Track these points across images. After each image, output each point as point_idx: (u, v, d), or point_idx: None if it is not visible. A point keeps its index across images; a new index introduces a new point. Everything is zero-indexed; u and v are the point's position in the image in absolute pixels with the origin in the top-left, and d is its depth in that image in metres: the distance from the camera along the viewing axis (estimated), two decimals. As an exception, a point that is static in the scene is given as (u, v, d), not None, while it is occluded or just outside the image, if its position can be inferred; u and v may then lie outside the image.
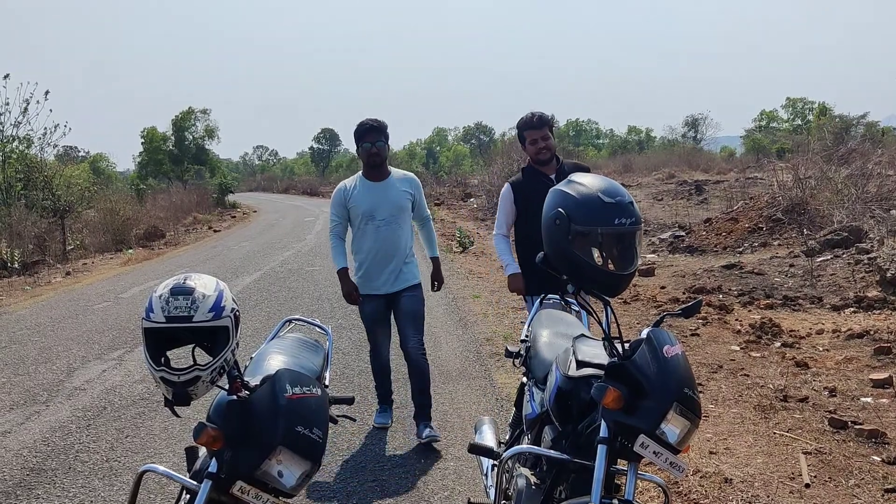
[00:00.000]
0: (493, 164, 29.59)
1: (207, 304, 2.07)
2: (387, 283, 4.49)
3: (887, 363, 5.45)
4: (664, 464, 2.12)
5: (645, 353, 2.15)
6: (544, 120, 4.32)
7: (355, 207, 4.44)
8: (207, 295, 2.08)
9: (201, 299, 2.06)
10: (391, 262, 4.46)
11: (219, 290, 2.12)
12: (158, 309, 2.04)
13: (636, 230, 2.18)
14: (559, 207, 2.23)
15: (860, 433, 4.18)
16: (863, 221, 10.88)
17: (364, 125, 4.41)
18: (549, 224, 2.27)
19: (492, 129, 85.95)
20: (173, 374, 2.07)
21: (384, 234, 4.43)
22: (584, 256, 2.19)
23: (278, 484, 2.12)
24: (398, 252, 4.48)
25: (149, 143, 51.60)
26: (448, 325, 7.79)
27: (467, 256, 13.66)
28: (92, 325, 8.57)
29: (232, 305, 2.14)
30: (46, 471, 4.33)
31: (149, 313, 2.06)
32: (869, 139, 23.64)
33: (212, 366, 2.09)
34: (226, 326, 2.09)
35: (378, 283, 4.49)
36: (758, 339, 6.38)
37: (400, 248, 4.48)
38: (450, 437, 4.57)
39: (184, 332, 2.09)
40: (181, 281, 2.10)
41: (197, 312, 2.05)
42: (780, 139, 45.72)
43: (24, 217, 16.71)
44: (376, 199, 4.43)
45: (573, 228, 2.17)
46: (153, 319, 2.04)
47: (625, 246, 2.20)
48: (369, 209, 4.42)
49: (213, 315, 2.07)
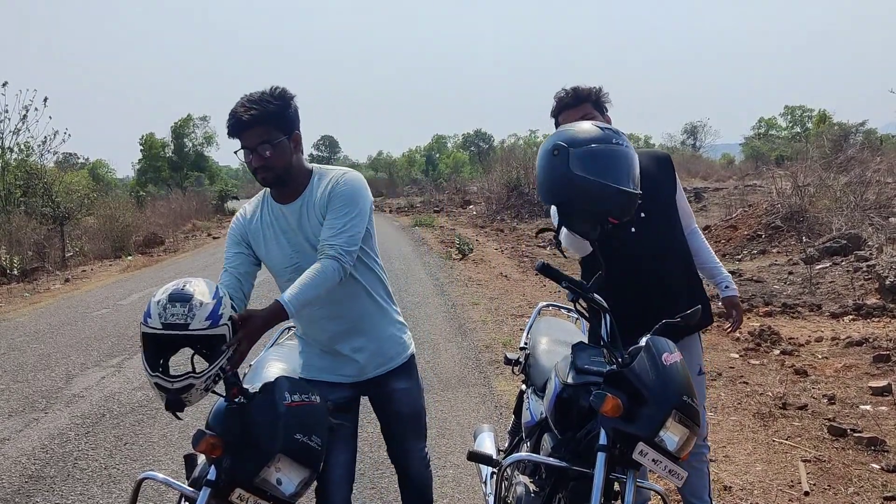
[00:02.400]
0: (492, 171, 29.68)
1: (205, 312, 2.05)
2: (357, 368, 2.64)
3: (886, 371, 5.45)
4: (663, 471, 2.12)
5: (644, 361, 2.15)
6: (580, 95, 2.95)
7: (268, 257, 2.58)
8: (205, 303, 2.06)
9: (198, 307, 2.04)
10: (360, 333, 2.62)
11: (217, 297, 2.10)
12: (156, 315, 2.03)
13: (632, 153, 2.26)
14: (556, 142, 2.29)
15: (859, 441, 4.18)
16: (862, 229, 10.90)
17: (233, 117, 2.38)
18: (547, 158, 2.30)
19: (491, 137, 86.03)
20: (167, 381, 2.06)
21: (331, 293, 2.44)
22: (590, 175, 2.21)
23: (277, 491, 2.12)
24: (367, 311, 2.63)
25: (148, 150, 51.68)
26: (447, 332, 7.79)
27: (466, 263, 13.66)
28: (91, 331, 8.57)
29: (230, 313, 2.12)
30: (45, 478, 4.32)
31: (146, 318, 2.04)
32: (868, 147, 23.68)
33: (206, 373, 2.08)
34: (223, 335, 2.08)
35: (341, 365, 2.65)
36: (757, 347, 6.38)
37: (366, 304, 2.62)
38: (449, 445, 4.57)
39: (180, 338, 2.07)
40: (180, 287, 2.09)
41: (193, 320, 2.03)
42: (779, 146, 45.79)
43: (24, 224, 16.72)
44: (292, 239, 2.53)
45: (572, 153, 2.22)
46: (150, 325, 2.04)
47: (623, 168, 2.24)
48: (284, 258, 2.54)
49: (209, 323, 2.05)
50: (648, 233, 2.74)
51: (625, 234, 2.72)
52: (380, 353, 2.65)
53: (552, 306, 3.65)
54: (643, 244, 2.74)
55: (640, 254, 2.74)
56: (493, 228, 21.39)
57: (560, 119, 2.99)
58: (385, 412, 2.79)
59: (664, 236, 2.78)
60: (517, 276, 11.96)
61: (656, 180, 2.81)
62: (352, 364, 2.63)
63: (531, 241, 17.68)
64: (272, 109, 2.38)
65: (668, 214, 2.80)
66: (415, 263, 14.00)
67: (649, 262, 2.75)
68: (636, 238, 2.73)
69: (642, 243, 2.74)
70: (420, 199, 40.18)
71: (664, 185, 2.86)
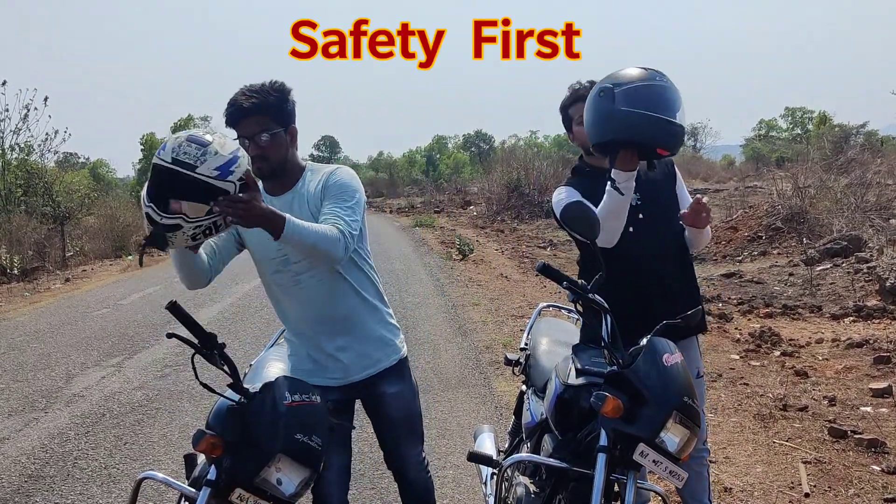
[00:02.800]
0: (492, 171, 29.70)
1: (216, 162, 2.00)
2: (342, 369, 2.58)
3: (887, 372, 5.44)
4: (664, 472, 2.12)
5: (645, 362, 2.15)
6: None
7: (253, 245, 2.55)
8: (220, 154, 2.02)
9: (212, 155, 2.00)
10: (344, 333, 2.57)
11: (235, 156, 2.05)
12: (170, 149, 2.01)
13: (676, 90, 2.39)
14: (602, 85, 2.43)
15: (860, 442, 4.18)
16: (862, 230, 10.90)
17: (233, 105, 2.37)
18: (594, 100, 2.44)
19: (492, 137, 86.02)
20: (158, 214, 2.02)
21: (316, 287, 2.50)
22: (637, 109, 2.32)
23: (277, 491, 2.12)
24: (354, 310, 2.57)
25: (148, 150, 51.53)
26: (447, 332, 7.79)
27: (467, 264, 13.66)
28: (91, 331, 8.57)
29: (241, 176, 2.05)
30: (45, 477, 4.32)
31: (160, 151, 2.02)
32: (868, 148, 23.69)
33: (198, 221, 2.03)
34: (227, 191, 2.02)
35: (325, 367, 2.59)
36: (757, 348, 6.38)
37: (354, 303, 2.57)
38: (449, 446, 4.56)
39: (186, 183, 2.00)
40: (202, 133, 2.07)
41: (202, 165, 1.98)
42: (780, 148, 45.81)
43: (24, 223, 16.72)
44: None
45: (618, 92, 2.36)
46: (161, 157, 2.01)
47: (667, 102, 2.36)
48: (271, 248, 2.46)
49: (217, 174, 2.00)
50: (647, 234, 2.74)
51: (624, 236, 2.73)
52: (365, 354, 2.59)
53: (552, 307, 3.65)
54: (642, 245, 2.74)
55: (639, 254, 2.74)
56: (493, 229, 21.39)
57: (570, 111, 2.93)
58: (376, 416, 2.74)
59: (663, 237, 2.78)
60: (517, 276, 11.97)
61: (656, 182, 2.82)
62: (336, 365, 2.57)
63: (531, 241, 17.69)
64: (272, 101, 2.39)
65: (667, 216, 2.80)
66: (415, 264, 14.00)
67: (648, 262, 2.75)
68: (635, 238, 2.73)
69: (641, 244, 2.74)
70: (420, 199, 40.19)
71: (664, 186, 2.87)
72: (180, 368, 6.57)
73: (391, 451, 2.80)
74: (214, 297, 10.74)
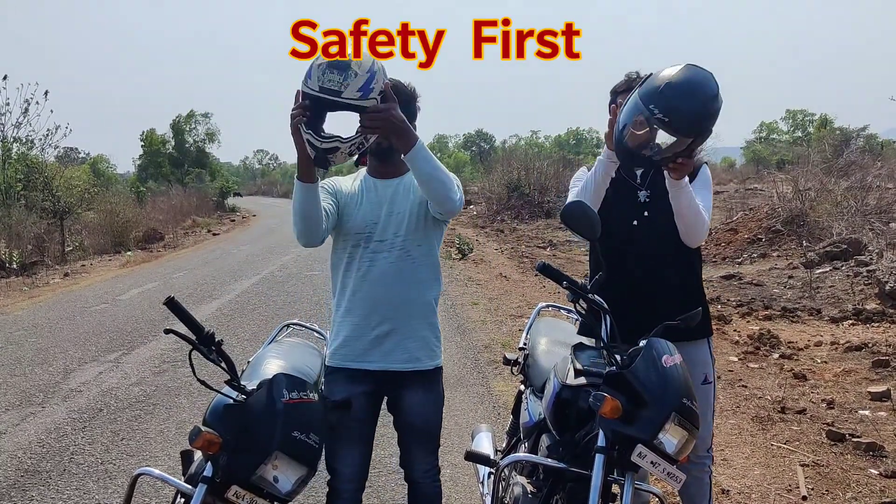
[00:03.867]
0: (493, 171, 29.68)
1: (357, 83, 2.20)
2: (382, 354, 2.63)
3: (885, 376, 5.44)
4: (661, 474, 2.11)
5: (643, 363, 2.15)
6: None
7: (345, 218, 2.64)
8: (360, 74, 2.21)
9: (353, 77, 2.20)
10: (393, 319, 2.62)
11: (372, 71, 2.24)
12: (315, 77, 2.21)
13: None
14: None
15: (858, 446, 4.17)
16: (862, 234, 10.89)
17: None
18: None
19: (492, 137, 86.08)
20: (318, 140, 2.27)
21: (387, 269, 2.59)
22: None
23: (274, 489, 2.11)
24: (410, 302, 2.64)
25: (148, 146, 51.61)
26: (446, 331, 7.78)
27: (466, 263, 13.66)
28: (89, 326, 8.56)
29: (381, 89, 2.26)
30: (41, 472, 4.31)
31: (307, 79, 2.22)
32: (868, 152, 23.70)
33: (351, 140, 2.30)
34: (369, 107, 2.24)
35: (366, 350, 2.64)
36: (756, 350, 6.37)
37: (413, 296, 2.64)
38: (446, 444, 4.55)
39: (334, 105, 2.24)
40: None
41: (346, 90, 2.19)
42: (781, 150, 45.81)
43: (24, 218, 16.71)
44: (380, 208, 2.63)
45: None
46: (309, 86, 2.22)
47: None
48: (365, 222, 2.61)
49: (360, 95, 2.21)
50: (651, 231, 2.73)
51: (626, 231, 2.73)
52: (407, 348, 2.64)
53: (552, 307, 3.64)
54: (645, 242, 2.73)
55: (642, 252, 2.73)
56: (493, 229, 21.39)
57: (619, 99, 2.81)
58: (398, 417, 2.77)
59: (668, 236, 2.76)
60: (517, 276, 11.97)
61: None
62: (377, 349, 2.62)
63: (531, 241, 17.68)
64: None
65: (673, 217, 2.78)
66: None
67: (650, 261, 2.74)
68: (638, 236, 2.73)
69: (644, 241, 2.73)
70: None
71: None
72: (178, 364, 6.56)
73: (404, 454, 2.83)
74: (213, 293, 10.74)
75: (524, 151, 34.67)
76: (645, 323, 2.34)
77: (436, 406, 2.79)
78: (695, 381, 2.56)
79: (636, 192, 2.79)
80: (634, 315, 2.53)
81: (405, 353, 2.63)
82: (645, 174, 2.82)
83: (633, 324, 2.41)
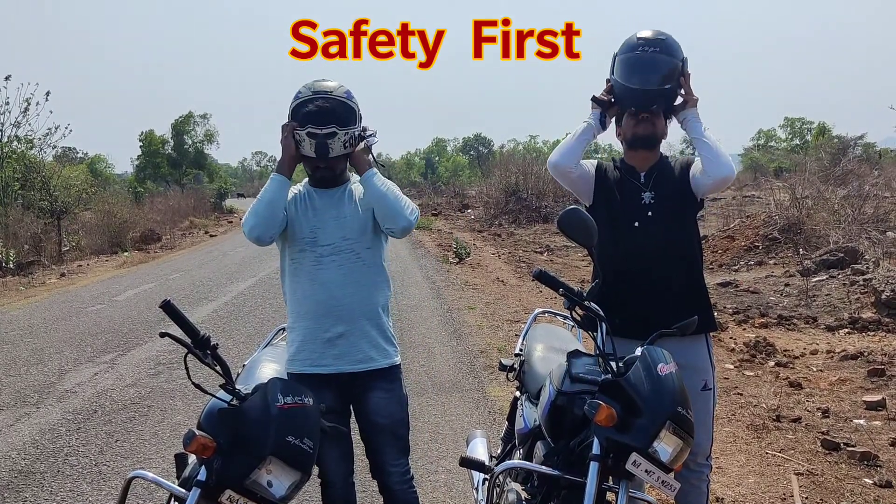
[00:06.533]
0: (491, 175, 29.72)
1: (342, 91, 2.67)
2: (335, 357, 2.68)
3: (881, 385, 5.45)
4: (656, 482, 2.11)
5: (639, 371, 2.15)
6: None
7: (291, 224, 2.71)
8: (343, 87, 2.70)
9: (337, 88, 2.67)
10: (345, 321, 2.67)
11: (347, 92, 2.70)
12: (306, 90, 2.65)
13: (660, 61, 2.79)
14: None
15: (853, 455, 4.17)
16: (859, 242, 10.91)
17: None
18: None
19: (491, 141, 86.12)
20: (317, 128, 2.57)
21: (336, 272, 2.66)
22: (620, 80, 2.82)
23: (267, 494, 2.11)
24: (361, 304, 2.70)
25: (147, 147, 51.54)
26: (442, 336, 7.78)
27: (463, 267, 13.66)
28: (85, 327, 8.54)
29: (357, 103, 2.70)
30: (35, 473, 4.30)
31: (298, 94, 2.65)
32: (866, 160, 23.77)
33: (346, 129, 2.60)
34: (353, 109, 2.66)
35: (321, 353, 2.68)
36: (752, 358, 6.38)
37: (364, 297, 2.71)
38: (441, 450, 4.55)
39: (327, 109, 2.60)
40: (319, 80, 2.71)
41: (335, 91, 2.64)
42: (778, 158, 45.91)
43: (21, 217, 16.70)
44: (325, 213, 2.72)
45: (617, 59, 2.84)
46: (302, 95, 2.63)
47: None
48: (310, 227, 2.69)
49: (346, 96, 2.66)
50: (653, 232, 2.73)
51: (630, 231, 2.74)
52: (360, 349, 2.68)
53: (548, 313, 3.64)
54: (647, 243, 2.73)
55: (644, 252, 2.73)
56: (490, 233, 21.39)
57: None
58: (363, 420, 2.77)
59: (670, 237, 2.76)
60: (514, 281, 11.97)
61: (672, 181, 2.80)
62: (331, 351, 2.67)
63: (528, 246, 17.69)
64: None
65: (677, 218, 2.78)
66: (411, 266, 14.00)
67: (652, 261, 2.73)
68: (640, 236, 2.73)
69: (647, 241, 2.73)
70: (418, 201, 40.14)
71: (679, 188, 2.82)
72: (173, 367, 6.55)
73: (374, 460, 2.80)
74: (210, 295, 10.73)
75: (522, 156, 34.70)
76: (651, 321, 2.37)
77: (399, 403, 2.78)
78: (694, 388, 2.57)
79: (640, 193, 2.79)
80: (640, 314, 2.57)
81: (359, 353, 2.68)
82: (648, 176, 2.82)
83: (640, 322, 2.43)
